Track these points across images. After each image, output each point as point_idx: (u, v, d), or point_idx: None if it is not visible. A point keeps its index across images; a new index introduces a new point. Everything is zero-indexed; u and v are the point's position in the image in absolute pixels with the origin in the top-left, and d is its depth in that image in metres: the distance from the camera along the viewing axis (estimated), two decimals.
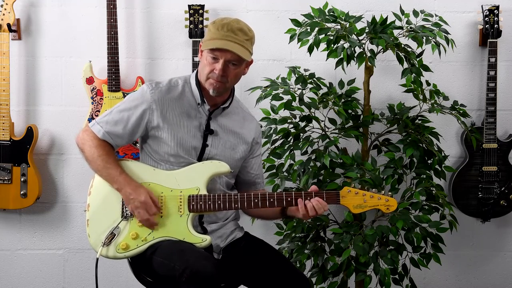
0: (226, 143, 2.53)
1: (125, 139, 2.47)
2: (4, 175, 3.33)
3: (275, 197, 2.41)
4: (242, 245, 2.56)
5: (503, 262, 3.60)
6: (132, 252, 2.42)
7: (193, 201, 2.41)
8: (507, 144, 3.39)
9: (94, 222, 2.45)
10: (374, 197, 2.41)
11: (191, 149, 2.47)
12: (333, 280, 3.10)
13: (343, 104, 3.08)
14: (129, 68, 3.45)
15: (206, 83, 2.43)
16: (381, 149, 3.23)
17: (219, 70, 2.39)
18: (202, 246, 2.40)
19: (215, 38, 2.38)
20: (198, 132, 2.49)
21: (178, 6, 3.40)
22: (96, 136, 2.44)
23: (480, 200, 3.38)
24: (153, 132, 2.46)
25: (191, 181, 2.43)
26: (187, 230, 2.40)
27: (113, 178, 2.40)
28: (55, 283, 3.57)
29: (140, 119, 2.45)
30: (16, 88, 3.44)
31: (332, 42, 2.97)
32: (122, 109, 2.46)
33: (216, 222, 2.54)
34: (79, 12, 3.45)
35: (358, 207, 2.41)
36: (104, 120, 2.46)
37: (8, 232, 3.53)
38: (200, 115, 2.50)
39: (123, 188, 2.38)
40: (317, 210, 2.38)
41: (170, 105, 2.46)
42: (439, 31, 3.03)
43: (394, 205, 2.41)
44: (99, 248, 2.41)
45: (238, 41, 2.38)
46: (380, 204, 2.41)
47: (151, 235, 2.41)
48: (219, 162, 2.47)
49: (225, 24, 2.39)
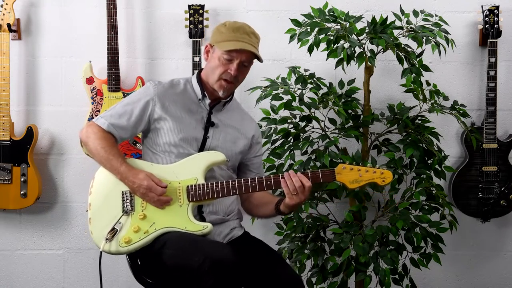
0: (227, 135, 2.59)
1: (129, 131, 2.53)
2: (4, 175, 3.33)
3: (272, 179, 2.44)
4: (240, 244, 2.56)
5: (503, 262, 3.60)
6: (134, 245, 2.42)
7: (191, 190, 2.45)
8: (507, 144, 3.39)
9: (96, 219, 2.47)
10: (369, 171, 2.43)
11: (193, 140, 2.52)
12: (333, 280, 3.09)
13: (343, 104, 3.08)
14: (129, 68, 3.45)
15: (216, 84, 2.51)
16: (381, 149, 3.23)
17: (235, 70, 2.48)
18: (204, 233, 2.42)
19: (232, 40, 2.47)
20: (199, 125, 2.55)
21: (178, 6, 3.40)
22: (101, 129, 2.49)
23: (480, 200, 3.38)
24: (155, 124, 2.52)
25: (188, 172, 2.47)
26: (187, 219, 2.43)
27: (116, 169, 2.44)
28: (55, 283, 3.57)
29: (143, 111, 2.51)
30: (16, 88, 3.44)
31: (332, 42, 2.97)
32: (126, 103, 2.54)
33: (216, 214, 2.55)
34: (79, 12, 3.45)
35: (354, 182, 2.43)
36: (108, 114, 2.53)
37: (8, 232, 3.53)
38: (201, 109, 2.57)
39: (126, 178, 2.43)
40: (300, 183, 2.40)
41: (173, 99, 2.54)
42: (439, 31, 3.03)
43: (389, 177, 2.43)
44: (102, 243, 2.42)
45: (252, 43, 2.50)
46: (375, 177, 2.43)
47: (152, 227, 2.43)
48: (215, 152, 2.52)
49: (240, 27, 2.49)
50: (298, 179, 2.41)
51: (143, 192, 2.42)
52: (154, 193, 2.41)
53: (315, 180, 2.44)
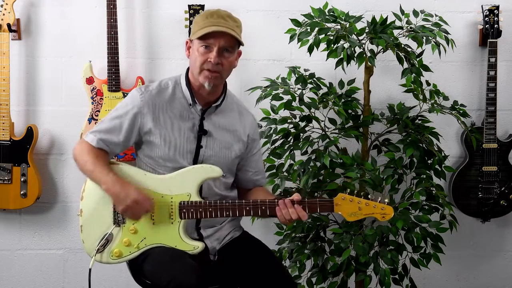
0: (221, 142, 2.50)
1: (120, 145, 2.45)
2: (4, 175, 3.33)
3: (267, 204, 2.37)
4: (237, 246, 2.55)
5: (503, 262, 3.60)
6: (125, 258, 2.43)
7: (184, 208, 2.39)
8: (507, 144, 3.39)
9: (88, 228, 2.44)
10: (369, 204, 2.35)
11: (186, 153, 2.45)
12: (333, 280, 3.10)
13: (343, 104, 3.08)
14: (129, 68, 3.45)
15: (200, 76, 2.38)
16: (381, 149, 3.23)
17: (214, 57, 2.34)
18: (195, 253, 2.40)
19: (206, 26, 2.34)
20: (191, 134, 2.45)
21: (178, 6, 3.40)
22: (91, 146, 2.42)
23: (480, 200, 3.39)
24: (146, 137, 2.44)
25: (182, 187, 2.40)
26: (178, 238, 2.40)
27: (101, 179, 2.35)
28: (55, 283, 3.57)
29: (133, 124, 2.42)
30: (16, 88, 3.44)
31: (332, 42, 2.97)
32: (114, 117, 2.44)
33: (213, 226, 2.52)
34: (79, 12, 3.45)
35: (353, 215, 2.36)
36: (97, 129, 2.45)
37: (8, 232, 3.53)
38: (192, 115, 2.46)
39: (111, 188, 2.34)
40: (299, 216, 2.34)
41: (162, 108, 2.43)
42: (439, 31, 3.03)
43: (390, 213, 2.36)
44: (92, 257, 2.42)
45: (229, 26, 2.36)
46: (375, 212, 2.35)
47: (143, 242, 2.41)
48: (210, 166, 2.42)
49: (213, 12, 2.37)
50: (295, 210, 2.33)
51: (128, 204, 2.31)
52: (140, 207, 2.32)
53: (312, 211, 2.38)
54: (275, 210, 2.36)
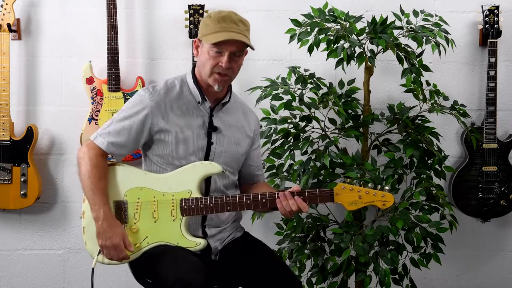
0: (230, 138, 2.51)
1: (129, 148, 2.44)
2: (4, 175, 3.33)
3: (267, 197, 2.38)
4: (238, 246, 2.55)
5: (503, 262, 3.60)
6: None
7: (185, 204, 2.39)
8: (507, 144, 3.39)
9: (90, 230, 2.42)
10: (369, 192, 2.34)
11: (198, 150, 2.45)
12: (333, 280, 3.09)
13: (343, 104, 3.08)
14: (129, 68, 3.45)
15: (210, 78, 2.40)
16: (381, 149, 3.23)
17: (226, 62, 2.35)
18: (197, 249, 2.40)
19: (218, 31, 2.34)
20: (202, 131, 2.46)
21: (178, 6, 3.40)
22: (98, 152, 2.40)
23: (480, 200, 3.38)
24: (157, 136, 2.43)
25: (182, 184, 2.41)
26: (180, 235, 2.40)
27: (94, 206, 2.35)
28: (55, 283, 3.57)
29: (143, 125, 2.41)
30: (16, 88, 3.44)
31: (332, 42, 2.97)
32: (123, 118, 2.42)
33: (219, 226, 2.52)
34: (79, 12, 3.45)
35: (353, 204, 2.35)
36: (106, 131, 2.42)
37: (8, 232, 3.53)
38: (202, 113, 2.47)
39: (100, 221, 2.34)
40: (299, 207, 2.35)
41: (171, 107, 2.43)
42: (439, 31, 3.03)
43: (390, 201, 2.35)
44: (95, 258, 2.41)
45: (241, 31, 2.37)
46: (376, 200, 2.34)
47: (145, 241, 2.41)
48: (210, 163, 2.43)
49: (225, 17, 2.36)
50: (295, 202, 2.34)
51: (107, 245, 2.34)
52: (117, 253, 2.35)
53: (312, 202, 2.38)
54: (276, 202, 2.37)
